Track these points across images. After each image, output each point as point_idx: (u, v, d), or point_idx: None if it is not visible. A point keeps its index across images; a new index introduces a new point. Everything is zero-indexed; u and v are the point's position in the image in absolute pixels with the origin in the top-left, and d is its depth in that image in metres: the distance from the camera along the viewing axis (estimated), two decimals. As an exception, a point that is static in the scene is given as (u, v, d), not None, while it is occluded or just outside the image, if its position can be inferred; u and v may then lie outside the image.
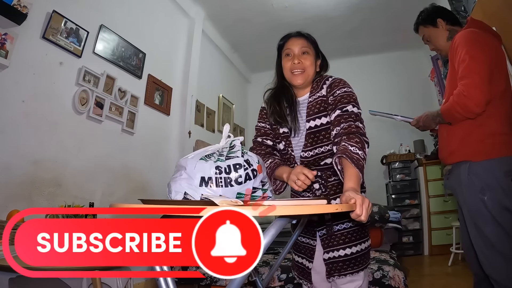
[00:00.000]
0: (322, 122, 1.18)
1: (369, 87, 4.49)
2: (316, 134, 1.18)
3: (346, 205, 0.77)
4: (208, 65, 4.08)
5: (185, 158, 0.98)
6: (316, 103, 1.20)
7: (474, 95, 1.25)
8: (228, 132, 1.04)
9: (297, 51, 1.21)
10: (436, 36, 1.54)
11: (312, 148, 1.18)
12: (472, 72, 1.28)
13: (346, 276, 1.13)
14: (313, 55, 1.23)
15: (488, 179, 1.29)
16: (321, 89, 1.21)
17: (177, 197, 0.92)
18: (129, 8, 2.82)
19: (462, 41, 1.36)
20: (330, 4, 3.68)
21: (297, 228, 1.18)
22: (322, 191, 1.20)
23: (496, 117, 1.32)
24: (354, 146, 1.01)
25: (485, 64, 1.28)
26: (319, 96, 1.20)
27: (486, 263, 1.28)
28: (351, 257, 1.14)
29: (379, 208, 2.69)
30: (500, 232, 1.25)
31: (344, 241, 1.16)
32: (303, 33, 1.26)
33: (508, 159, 1.29)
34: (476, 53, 1.30)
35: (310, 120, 1.19)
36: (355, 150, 1.01)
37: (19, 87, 1.90)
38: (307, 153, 1.19)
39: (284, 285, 2.26)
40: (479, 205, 1.29)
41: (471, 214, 1.33)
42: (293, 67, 1.20)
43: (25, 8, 1.86)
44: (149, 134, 2.97)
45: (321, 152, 1.17)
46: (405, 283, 2.04)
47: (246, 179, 0.93)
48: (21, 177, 1.86)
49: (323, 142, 1.17)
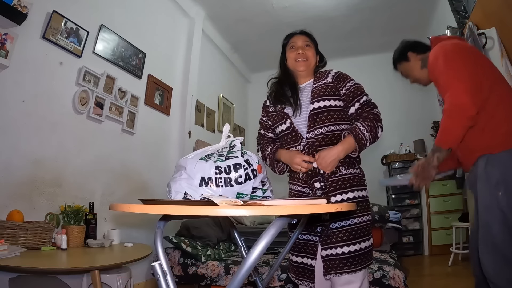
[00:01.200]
0: (325, 104, 1.27)
1: (369, 87, 4.39)
2: (319, 115, 1.26)
3: (346, 204, 0.77)
4: (208, 65, 4.08)
5: (185, 158, 0.98)
6: (321, 87, 1.31)
7: (462, 99, 1.22)
8: (228, 132, 1.04)
9: (301, 44, 1.36)
10: (411, 68, 1.62)
11: (317, 127, 1.25)
12: (452, 80, 1.27)
13: (343, 275, 1.13)
14: (314, 50, 1.39)
15: (505, 172, 1.22)
16: (326, 78, 1.33)
17: (177, 197, 0.92)
18: (129, 8, 2.82)
19: (435, 56, 1.38)
20: (330, 4, 3.68)
21: (297, 228, 1.18)
22: (322, 190, 1.20)
23: (504, 105, 1.26)
24: (364, 127, 1.20)
25: (463, 66, 1.28)
26: (325, 83, 1.32)
27: (486, 265, 1.24)
28: (348, 256, 1.14)
29: (379, 208, 2.69)
30: (506, 234, 1.20)
31: (342, 239, 1.15)
32: (305, 31, 1.41)
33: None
34: (451, 61, 1.31)
35: (314, 102, 1.28)
36: (363, 130, 1.19)
37: (19, 87, 1.90)
38: (311, 134, 1.25)
39: (284, 285, 2.26)
40: (492, 201, 1.23)
41: (482, 210, 1.27)
42: (297, 56, 1.34)
43: (25, 8, 1.86)
44: (149, 134, 2.97)
45: (326, 131, 1.24)
46: (405, 283, 2.04)
47: (246, 179, 0.94)
48: (21, 177, 1.86)
49: (324, 123, 1.25)
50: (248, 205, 0.66)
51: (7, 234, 1.57)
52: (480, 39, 2.07)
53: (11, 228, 1.59)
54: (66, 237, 1.80)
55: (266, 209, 0.63)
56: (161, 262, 0.77)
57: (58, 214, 1.95)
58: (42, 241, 1.70)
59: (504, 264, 1.20)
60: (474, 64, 1.30)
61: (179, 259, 2.56)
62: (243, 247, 1.19)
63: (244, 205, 0.66)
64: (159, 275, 0.76)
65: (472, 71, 1.27)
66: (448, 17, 2.89)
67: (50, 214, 1.90)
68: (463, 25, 2.48)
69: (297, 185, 1.29)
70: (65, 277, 1.88)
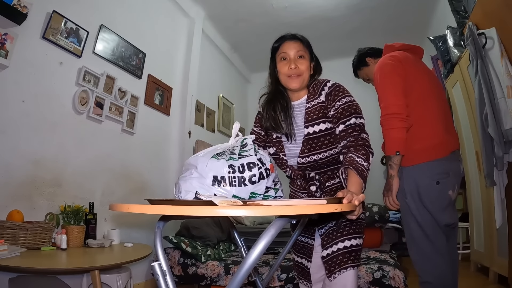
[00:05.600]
0: (320, 128, 1.17)
1: (369, 87, 4.47)
2: (315, 140, 1.17)
3: (346, 205, 0.77)
4: (208, 65, 4.08)
5: (195, 157, 0.94)
6: (315, 109, 1.20)
7: (392, 109, 1.40)
8: (238, 131, 1.02)
9: (293, 55, 1.20)
10: (371, 72, 1.77)
11: (310, 154, 1.18)
12: (384, 91, 1.48)
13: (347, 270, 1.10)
14: (308, 59, 1.22)
15: (410, 183, 1.45)
16: (319, 95, 1.21)
17: (187, 196, 0.88)
18: (129, 8, 2.82)
19: (375, 70, 1.58)
20: (330, 4, 3.68)
21: (297, 228, 1.18)
22: (320, 194, 1.20)
23: (420, 124, 1.45)
24: (361, 157, 1.05)
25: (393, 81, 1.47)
26: (318, 102, 1.20)
27: (410, 254, 1.51)
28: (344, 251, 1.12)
29: (379, 208, 2.69)
30: (420, 231, 1.45)
31: (342, 234, 1.14)
32: (298, 36, 1.24)
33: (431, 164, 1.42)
34: (385, 76, 1.50)
35: (308, 126, 1.19)
36: (361, 161, 1.04)
37: (19, 87, 1.90)
38: (304, 159, 1.18)
39: (284, 285, 2.26)
40: (405, 206, 1.49)
41: (402, 213, 1.53)
42: (290, 72, 1.19)
43: (25, 8, 1.86)
44: (149, 134, 2.97)
45: (319, 158, 1.17)
46: (405, 283, 2.04)
47: (260, 178, 0.91)
48: (21, 177, 1.86)
49: (321, 148, 1.17)
50: (247, 205, 0.66)
51: (7, 234, 1.57)
52: (480, 39, 2.06)
53: (11, 228, 1.59)
54: (66, 237, 1.80)
55: (266, 210, 0.63)
56: (160, 262, 0.77)
57: (58, 214, 1.95)
58: (42, 241, 1.70)
59: (421, 255, 1.45)
60: (403, 81, 1.47)
61: (179, 259, 2.56)
62: (243, 247, 1.18)
63: (244, 205, 0.66)
64: (158, 275, 0.75)
65: (401, 88, 1.45)
66: (448, 17, 2.89)
67: (50, 214, 1.90)
68: (463, 25, 2.48)
69: (296, 190, 1.29)
70: (65, 277, 1.88)
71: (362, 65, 1.84)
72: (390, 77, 1.48)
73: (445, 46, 2.90)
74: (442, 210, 1.43)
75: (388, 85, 1.47)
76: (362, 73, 1.87)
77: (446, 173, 1.42)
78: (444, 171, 1.42)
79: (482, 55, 2.04)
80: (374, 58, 1.79)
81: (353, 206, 0.80)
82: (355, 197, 0.83)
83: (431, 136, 1.45)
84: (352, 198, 0.82)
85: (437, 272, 1.41)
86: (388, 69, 1.51)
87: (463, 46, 2.61)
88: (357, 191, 0.97)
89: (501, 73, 1.92)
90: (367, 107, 1.66)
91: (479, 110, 2.08)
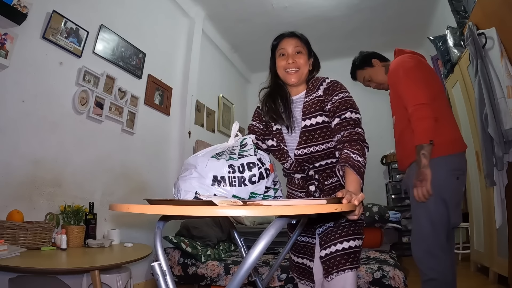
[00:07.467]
0: (317, 121, 1.19)
1: (368, 88, 4.47)
2: (311, 132, 1.19)
3: (346, 205, 0.77)
4: (208, 65, 4.08)
5: (194, 156, 0.94)
6: (312, 102, 1.22)
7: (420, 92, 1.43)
8: (237, 131, 1.01)
9: (291, 51, 1.23)
10: (375, 73, 1.77)
11: (306, 146, 1.20)
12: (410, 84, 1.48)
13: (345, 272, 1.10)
14: (306, 54, 1.26)
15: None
16: (317, 90, 1.24)
17: (187, 196, 0.88)
18: (129, 8, 2.82)
19: (395, 67, 1.58)
20: (330, 4, 3.68)
21: (296, 228, 1.18)
22: (319, 194, 1.20)
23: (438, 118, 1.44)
24: (356, 153, 1.05)
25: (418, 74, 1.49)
26: (316, 96, 1.23)
27: (414, 251, 1.49)
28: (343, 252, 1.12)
29: (379, 208, 2.69)
30: (430, 227, 1.44)
31: (341, 235, 1.14)
32: (296, 33, 1.28)
33: (451, 158, 1.43)
34: (409, 69, 1.52)
35: (305, 119, 1.21)
36: (356, 157, 1.04)
37: (19, 87, 1.90)
38: (300, 151, 1.20)
39: (284, 285, 2.26)
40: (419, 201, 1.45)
41: (414, 207, 1.51)
42: (288, 66, 1.23)
43: (25, 8, 1.86)
44: (149, 134, 2.97)
45: (316, 150, 1.19)
46: (405, 283, 2.04)
47: (260, 178, 0.91)
48: (21, 177, 1.86)
49: (318, 141, 1.19)
50: (247, 205, 0.66)
51: (7, 234, 1.57)
52: (480, 39, 2.07)
53: (11, 228, 1.59)
54: (66, 237, 1.80)
55: (265, 210, 0.63)
56: (160, 262, 0.77)
57: (58, 214, 1.95)
58: (42, 241, 1.70)
59: (427, 252, 1.43)
60: (427, 77, 1.51)
61: (179, 259, 2.56)
62: (243, 247, 1.18)
63: (244, 205, 0.66)
64: (158, 275, 0.75)
65: (426, 82, 1.48)
66: (448, 17, 2.89)
67: (50, 214, 1.89)
68: (463, 25, 2.48)
69: (294, 189, 1.29)
70: (65, 277, 1.88)
71: (366, 65, 1.80)
72: (415, 70, 1.51)
73: (445, 46, 2.90)
74: (457, 207, 1.46)
75: (414, 78, 1.49)
76: (364, 73, 1.82)
77: (463, 170, 1.48)
78: (462, 167, 1.47)
79: (482, 55, 2.05)
80: (380, 61, 1.77)
81: (353, 206, 0.80)
82: (355, 197, 0.83)
83: (449, 131, 1.48)
84: (352, 198, 0.82)
85: (441, 268, 1.42)
86: (412, 64, 1.54)
87: (463, 46, 2.61)
88: (356, 190, 0.97)
89: (501, 73, 1.92)
90: (366, 107, 1.66)
91: (479, 110, 2.08)
